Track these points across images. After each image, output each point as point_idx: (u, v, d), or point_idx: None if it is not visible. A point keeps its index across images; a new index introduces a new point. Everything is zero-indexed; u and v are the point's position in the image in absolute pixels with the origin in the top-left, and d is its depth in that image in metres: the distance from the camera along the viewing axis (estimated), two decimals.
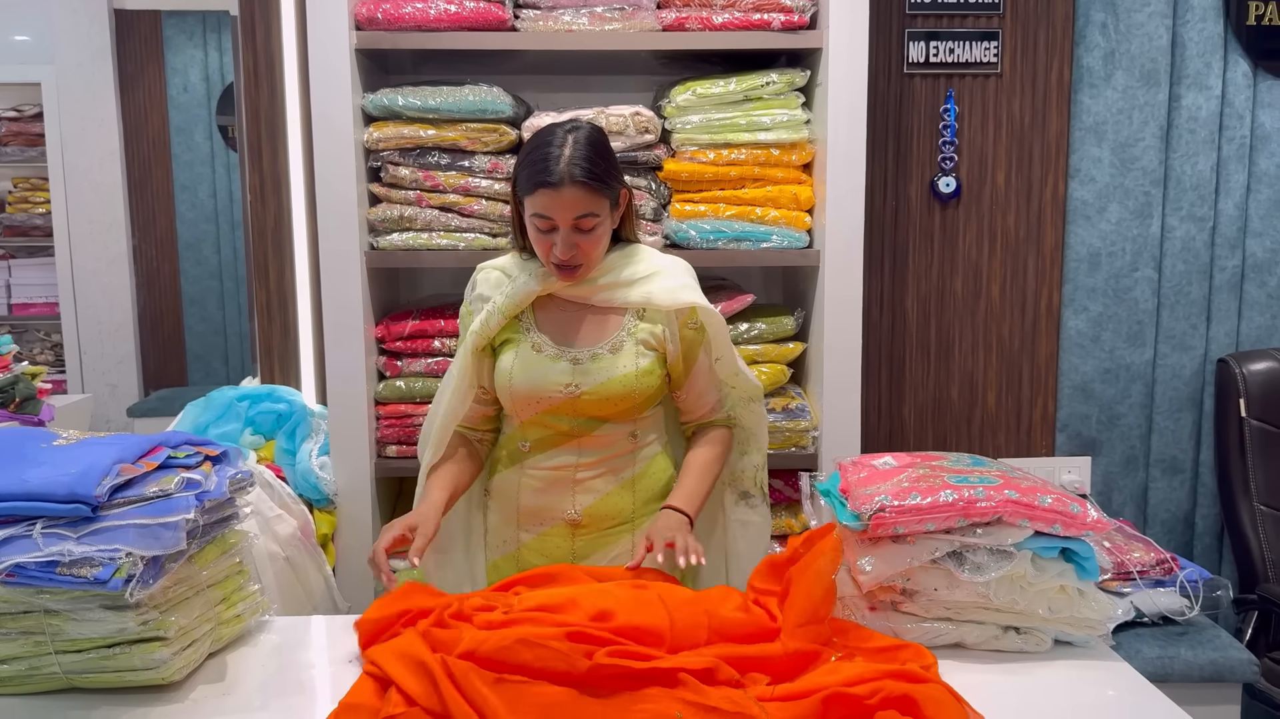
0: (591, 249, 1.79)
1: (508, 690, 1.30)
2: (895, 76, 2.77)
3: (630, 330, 1.85)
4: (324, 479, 2.29)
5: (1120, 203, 2.84)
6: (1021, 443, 2.91)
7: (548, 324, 1.86)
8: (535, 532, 1.90)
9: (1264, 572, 2.68)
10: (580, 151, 1.74)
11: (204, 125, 3.07)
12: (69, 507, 1.38)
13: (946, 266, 2.85)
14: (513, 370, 1.83)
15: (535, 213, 1.76)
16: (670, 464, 1.96)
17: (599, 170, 1.75)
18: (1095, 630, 1.59)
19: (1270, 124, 2.85)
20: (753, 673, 1.41)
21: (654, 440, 1.93)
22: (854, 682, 1.34)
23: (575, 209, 1.74)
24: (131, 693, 1.44)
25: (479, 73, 2.46)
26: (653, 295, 1.84)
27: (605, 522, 1.89)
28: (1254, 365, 2.78)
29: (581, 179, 1.72)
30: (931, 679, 1.37)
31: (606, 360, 1.82)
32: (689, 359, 1.89)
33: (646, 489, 1.91)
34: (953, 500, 1.51)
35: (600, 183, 1.75)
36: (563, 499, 1.88)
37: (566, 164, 1.72)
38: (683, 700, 1.29)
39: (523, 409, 1.85)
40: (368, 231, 2.37)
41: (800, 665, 1.44)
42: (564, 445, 1.87)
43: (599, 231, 1.78)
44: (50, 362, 3.16)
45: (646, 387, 1.84)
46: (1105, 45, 2.79)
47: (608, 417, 1.85)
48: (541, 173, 1.73)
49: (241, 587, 1.64)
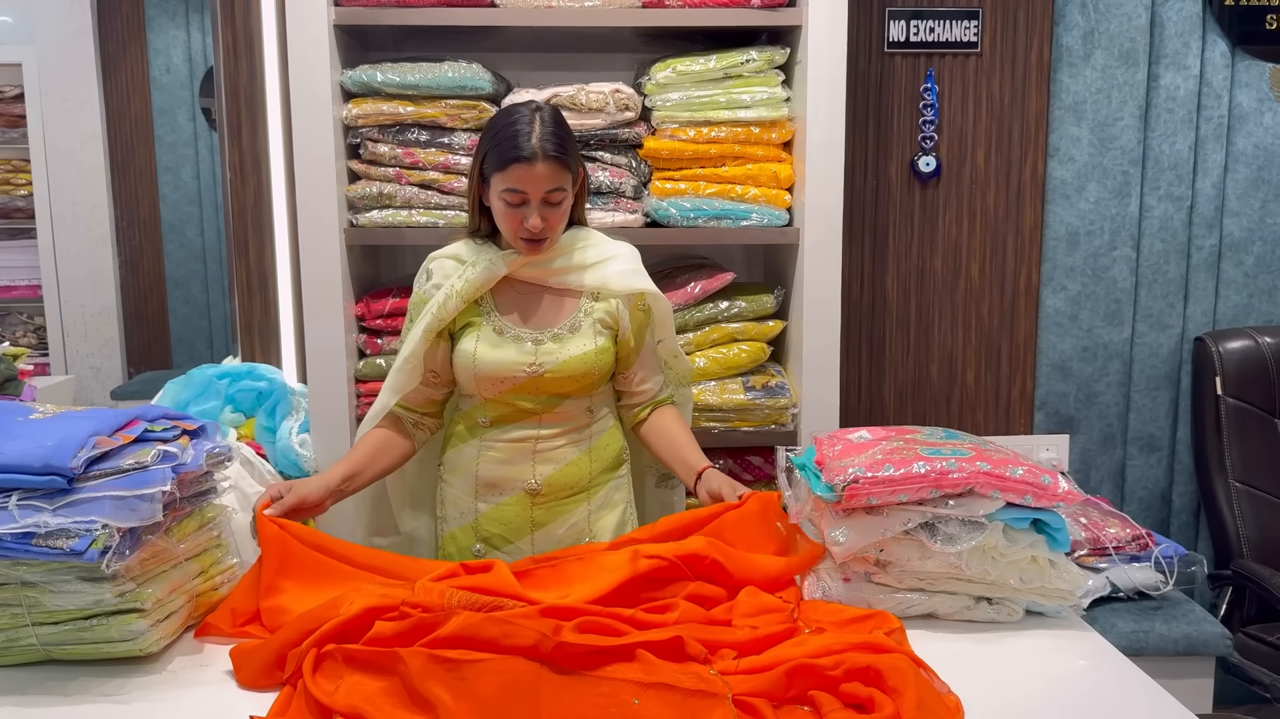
0: (557, 222, 1.88)
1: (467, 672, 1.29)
2: (876, 55, 2.78)
3: (587, 311, 1.93)
4: (304, 456, 2.29)
5: (1099, 182, 2.86)
6: (1000, 421, 2.93)
7: (507, 307, 1.93)
8: (493, 501, 1.95)
9: (1239, 547, 2.71)
10: (549, 129, 1.82)
11: (187, 107, 3.06)
12: (45, 478, 1.39)
13: (926, 245, 2.86)
14: (476, 352, 1.89)
15: (508, 188, 1.82)
16: (619, 438, 2.03)
17: (567, 146, 1.85)
18: (1067, 601, 1.61)
19: (1248, 104, 2.86)
20: (723, 649, 1.41)
21: (607, 413, 2.02)
22: (819, 653, 1.35)
23: (547, 183, 1.82)
24: (109, 664, 1.45)
25: (460, 50, 2.46)
26: (608, 280, 1.93)
27: (563, 490, 1.95)
28: (1230, 344, 2.81)
29: (554, 154, 1.81)
30: (895, 649, 1.38)
31: (566, 340, 1.91)
32: (638, 339, 1.98)
33: (602, 458, 1.99)
34: (925, 472, 1.53)
35: (569, 158, 1.84)
36: (523, 469, 1.93)
37: (539, 140, 1.80)
38: (640, 683, 1.28)
39: (486, 389, 1.91)
40: (347, 209, 2.37)
41: (771, 640, 1.45)
42: (525, 420, 1.94)
43: (564, 206, 1.87)
44: (34, 345, 3.14)
45: (604, 364, 1.93)
46: (1084, 25, 2.80)
47: (568, 393, 1.93)
48: (515, 149, 1.80)
49: (219, 560, 1.65)
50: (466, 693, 1.27)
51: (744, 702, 1.29)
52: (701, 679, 1.29)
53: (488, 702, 1.27)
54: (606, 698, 1.27)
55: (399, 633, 1.38)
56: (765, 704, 1.29)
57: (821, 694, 1.30)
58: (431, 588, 1.48)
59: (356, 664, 1.35)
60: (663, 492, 2.21)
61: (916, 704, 1.26)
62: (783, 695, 1.32)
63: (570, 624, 1.35)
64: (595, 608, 1.42)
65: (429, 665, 1.30)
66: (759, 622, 1.49)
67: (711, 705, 1.26)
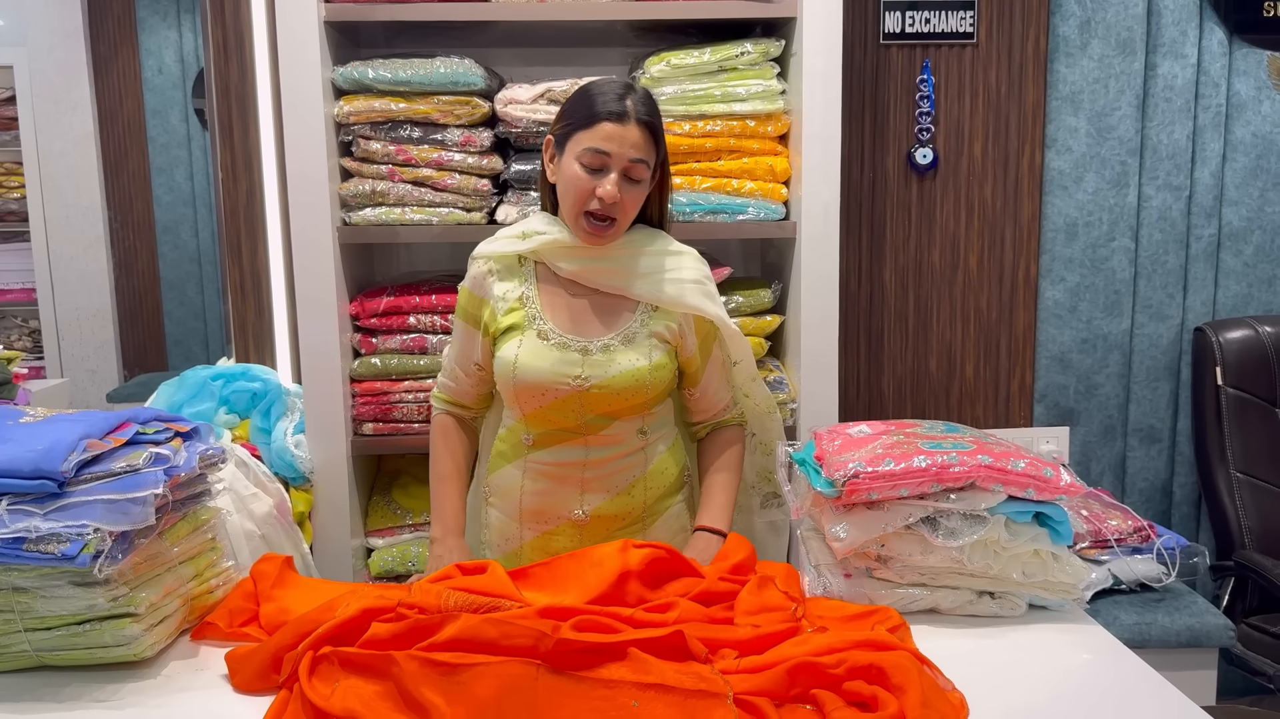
0: (630, 207, 1.75)
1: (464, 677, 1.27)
2: (871, 47, 2.76)
3: (644, 322, 1.79)
4: (300, 457, 2.27)
5: (1097, 172, 2.84)
6: (1000, 413, 2.92)
7: (555, 311, 1.79)
8: (539, 530, 1.83)
9: (1240, 538, 2.70)
10: (644, 98, 1.75)
11: (179, 108, 3.03)
12: (35, 483, 1.37)
13: (924, 238, 2.84)
14: (517, 359, 1.75)
15: (591, 147, 1.70)
16: (679, 460, 1.90)
17: (659, 121, 1.76)
18: (1069, 594, 1.60)
19: (1245, 92, 2.85)
20: (724, 648, 1.39)
21: (663, 436, 1.86)
22: (821, 651, 1.33)
23: (634, 149, 1.71)
24: (103, 670, 1.44)
25: (452, 45, 2.44)
26: (662, 293, 1.78)
27: (614, 523, 1.82)
28: (1230, 334, 2.79)
29: (647, 119, 1.72)
30: (899, 646, 1.36)
31: (617, 352, 1.75)
32: (705, 353, 1.85)
33: (659, 485, 1.85)
34: (926, 466, 1.51)
35: (659, 131, 1.75)
36: (569, 498, 1.81)
37: (635, 103, 1.72)
38: (639, 684, 1.25)
39: (526, 402, 1.77)
40: (340, 207, 2.35)
41: (774, 639, 1.42)
42: (570, 443, 1.79)
43: (639, 190, 1.76)
44: (28, 348, 3.13)
45: (659, 381, 1.78)
46: (1081, 14, 2.78)
47: (617, 413, 1.77)
48: (610, 104, 1.71)
49: (214, 563, 1.63)
50: (462, 697, 1.26)
51: (745, 701, 1.27)
52: (702, 679, 1.27)
53: (484, 706, 1.25)
54: (605, 701, 1.25)
55: (396, 634, 1.36)
56: (767, 703, 1.27)
57: (824, 693, 1.28)
58: (429, 589, 1.46)
59: (353, 667, 1.34)
60: (768, 512, 2.04)
61: (921, 702, 1.24)
62: (785, 694, 1.30)
63: (568, 623, 1.33)
64: (593, 608, 1.41)
65: (423, 670, 1.28)
66: (760, 620, 1.46)
67: (712, 706, 1.24)
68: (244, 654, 1.42)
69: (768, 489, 2.04)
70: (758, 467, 2.04)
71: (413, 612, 1.40)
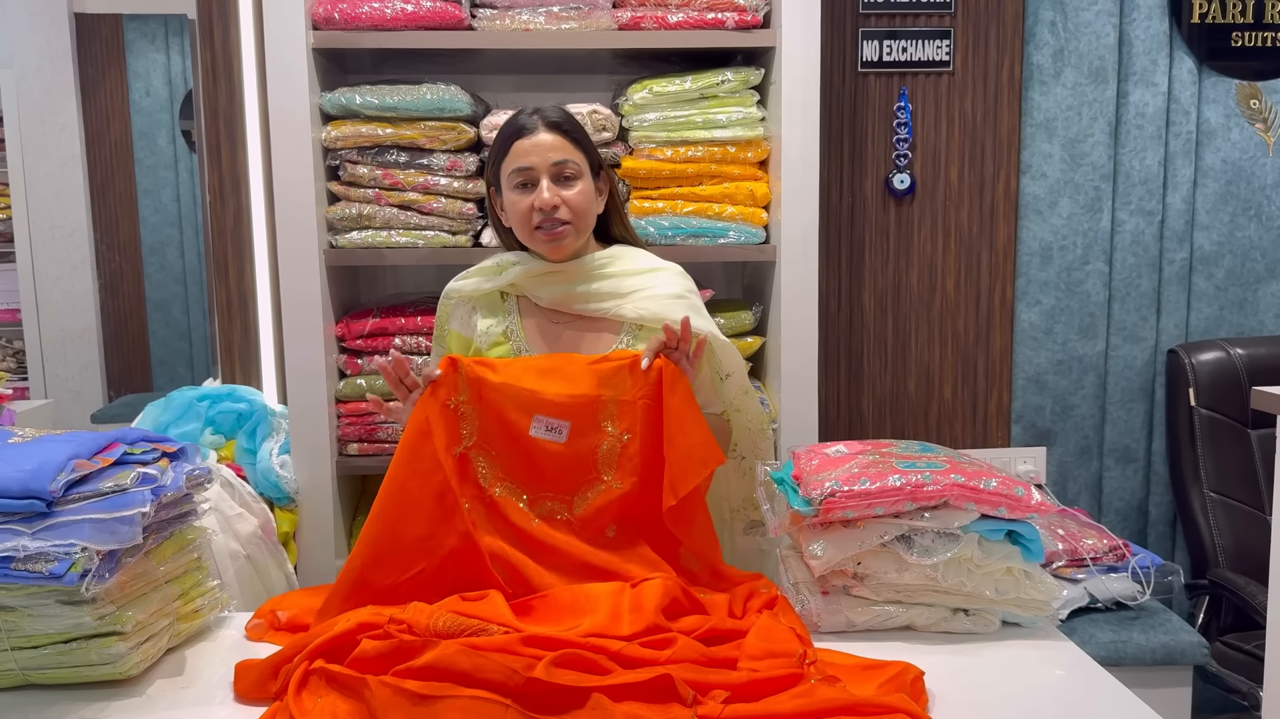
0: (577, 204, 1.77)
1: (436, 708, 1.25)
2: (850, 75, 2.81)
3: (629, 343, 1.80)
4: (285, 478, 2.29)
5: (1071, 197, 2.90)
6: (978, 434, 2.96)
7: (538, 339, 1.81)
8: None
9: (1215, 557, 2.74)
10: (552, 109, 1.81)
11: (167, 130, 3.05)
12: (23, 502, 1.39)
13: (902, 261, 2.89)
14: None
15: (514, 168, 1.76)
16: None
17: (570, 122, 1.80)
18: (1042, 611, 1.63)
19: (1215, 119, 2.91)
20: (715, 691, 1.32)
21: None
22: (817, 709, 1.27)
23: (553, 153, 1.75)
24: (89, 688, 1.45)
25: (438, 72, 2.48)
26: (643, 309, 1.77)
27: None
28: (1202, 356, 2.84)
29: (554, 119, 1.77)
30: (901, 709, 1.27)
31: None
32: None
33: None
34: (900, 485, 1.55)
35: (574, 131, 1.79)
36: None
37: (540, 115, 1.78)
38: None
39: None
40: (327, 230, 2.38)
41: (772, 686, 1.35)
42: None
43: (581, 186, 1.78)
44: (13, 369, 3.13)
45: None
46: (1054, 43, 2.84)
47: None
48: (515, 125, 1.78)
49: (200, 582, 1.65)
50: None
51: None
52: None
53: None
54: None
55: (380, 653, 1.37)
56: None
57: None
58: (422, 607, 1.47)
59: (336, 685, 1.35)
60: (750, 539, 2.01)
61: None
62: None
63: (549, 658, 1.31)
64: (580, 640, 1.38)
65: (395, 698, 1.28)
66: (762, 665, 1.38)
67: None
68: (249, 663, 1.45)
69: (754, 517, 2.01)
70: (745, 493, 2.01)
71: (401, 629, 1.42)
